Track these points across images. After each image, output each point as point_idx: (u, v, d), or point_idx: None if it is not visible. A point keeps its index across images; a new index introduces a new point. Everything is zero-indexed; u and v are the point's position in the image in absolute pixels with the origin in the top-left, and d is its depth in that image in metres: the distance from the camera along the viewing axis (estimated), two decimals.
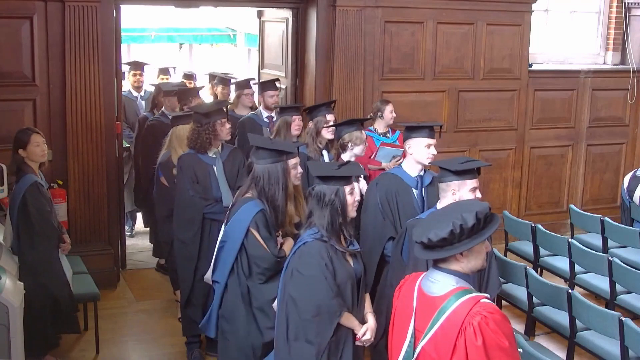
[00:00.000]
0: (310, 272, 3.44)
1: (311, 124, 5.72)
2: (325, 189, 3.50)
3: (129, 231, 7.98)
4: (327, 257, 3.46)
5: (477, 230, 2.72)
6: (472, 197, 4.02)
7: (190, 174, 5.03)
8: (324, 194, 3.50)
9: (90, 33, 6.25)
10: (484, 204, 2.84)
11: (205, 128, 5.01)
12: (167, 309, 6.29)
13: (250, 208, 4.02)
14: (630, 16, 8.75)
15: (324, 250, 3.47)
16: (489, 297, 2.78)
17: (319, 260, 3.44)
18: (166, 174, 5.69)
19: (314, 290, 3.42)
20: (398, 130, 6.78)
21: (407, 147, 4.55)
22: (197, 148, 5.07)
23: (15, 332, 4.15)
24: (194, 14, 13.03)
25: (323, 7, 7.09)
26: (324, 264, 3.43)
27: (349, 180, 3.56)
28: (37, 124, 6.21)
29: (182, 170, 5.08)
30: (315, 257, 3.45)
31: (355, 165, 3.89)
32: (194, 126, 5.12)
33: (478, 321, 2.64)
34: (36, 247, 4.90)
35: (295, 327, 3.46)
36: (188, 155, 5.13)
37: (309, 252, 3.48)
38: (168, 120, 6.81)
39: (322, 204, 3.50)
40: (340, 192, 3.50)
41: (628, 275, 5.38)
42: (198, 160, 5.09)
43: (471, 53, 7.77)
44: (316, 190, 3.53)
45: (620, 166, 8.84)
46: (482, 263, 2.82)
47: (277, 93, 6.90)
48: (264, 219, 3.98)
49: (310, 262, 3.46)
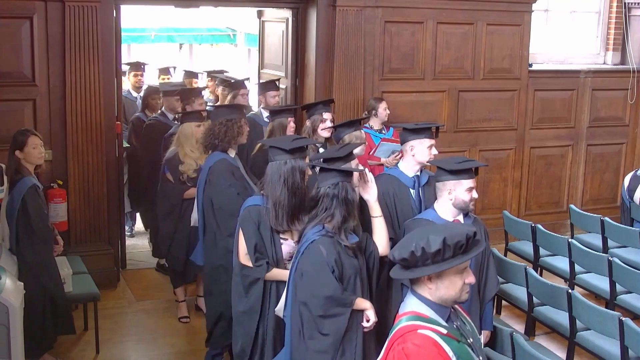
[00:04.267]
0: (319, 269, 3.45)
1: (308, 122, 5.69)
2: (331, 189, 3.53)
3: (129, 231, 7.98)
4: (334, 252, 3.47)
5: (444, 257, 2.58)
6: (469, 197, 4.03)
7: (229, 176, 4.87)
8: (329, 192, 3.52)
9: (90, 33, 6.25)
10: (466, 230, 2.65)
11: (235, 122, 4.92)
12: (167, 309, 6.29)
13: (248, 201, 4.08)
14: (630, 16, 8.75)
15: (332, 245, 3.48)
16: (437, 330, 2.62)
17: (327, 257, 3.45)
18: (172, 169, 5.69)
19: (324, 286, 3.43)
20: (392, 127, 6.81)
21: (409, 148, 4.54)
22: (223, 144, 4.89)
23: (15, 332, 4.16)
24: (194, 14, 13.03)
25: (323, 7, 7.09)
26: (333, 259, 3.45)
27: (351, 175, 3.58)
28: (37, 124, 6.22)
29: (222, 174, 4.85)
30: (322, 253, 3.46)
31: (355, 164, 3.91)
32: (218, 122, 4.93)
33: (398, 349, 2.59)
34: (36, 248, 4.91)
35: (309, 326, 3.46)
36: (220, 161, 4.91)
37: (317, 250, 3.48)
38: (167, 120, 6.84)
39: (330, 200, 3.51)
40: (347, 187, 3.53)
41: (628, 275, 5.38)
42: (229, 163, 4.94)
43: (471, 53, 7.77)
44: (321, 192, 3.55)
45: (620, 166, 8.84)
46: (458, 295, 2.65)
47: (279, 93, 6.90)
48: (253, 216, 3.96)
49: (318, 259, 3.46)
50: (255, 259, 3.93)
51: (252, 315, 3.98)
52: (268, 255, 3.95)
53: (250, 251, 3.93)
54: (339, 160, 3.69)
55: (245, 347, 4.03)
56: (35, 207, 4.89)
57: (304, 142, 4.00)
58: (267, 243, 3.94)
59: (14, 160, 4.95)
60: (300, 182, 3.87)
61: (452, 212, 4.09)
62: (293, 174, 3.85)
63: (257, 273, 3.93)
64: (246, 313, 4.00)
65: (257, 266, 3.92)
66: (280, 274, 3.93)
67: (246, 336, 4.02)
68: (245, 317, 4.01)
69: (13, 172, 4.94)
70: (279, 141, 4.04)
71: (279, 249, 3.97)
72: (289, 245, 3.96)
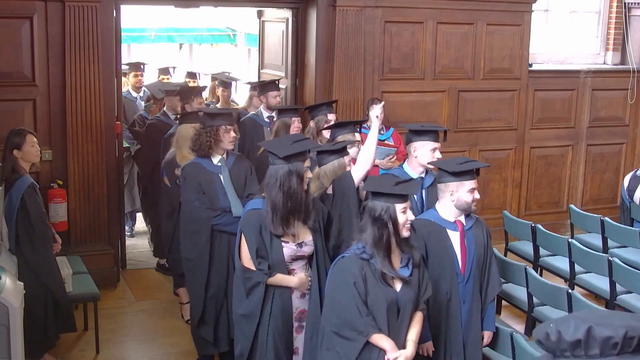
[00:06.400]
0: (340, 288, 3.35)
1: (312, 123, 5.70)
2: (377, 205, 3.37)
3: (129, 231, 7.98)
4: (359, 274, 3.32)
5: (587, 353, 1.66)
6: (471, 198, 4.01)
7: (195, 184, 4.87)
8: (375, 209, 3.37)
9: (90, 33, 6.25)
10: None
11: (208, 131, 4.85)
12: (167, 309, 6.29)
13: (249, 204, 4.07)
14: (630, 16, 8.75)
15: (358, 267, 3.34)
16: None
17: (349, 277, 3.32)
18: (168, 173, 5.69)
19: (341, 307, 3.34)
20: (392, 128, 6.80)
21: (412, 149, 4.54)
22: (198, 151, 4.92)
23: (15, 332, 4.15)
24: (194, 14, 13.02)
25: (323, 7, 7.09)
26: (352, 281, 3.31)
27: (404, 198, 3.42)
28: (37, 124, 6.22)
29: (186, 181, 4.92)
30: (345, 273, 3.35)
31: (414, 184, 3.76)
32: (198, 127, 5.00)
33: None
34: (36, 248, 4.91)
35: (328, 336, 3.42)
36: (191, 165, 4.96)
37: (341, 268, 3.39)
38: (168, 119, 6.84)
39: (372, 220, 3.36)
40: (390, 210, 3.35)
41: (628, 275, 5.38)
42: (202, 169, 4.91)
43: (471, 53, 7.77)
44: (369, 206, 3.41)
45: (620, 166, 8.84)
46: None
47: (279, 93, 6.90)
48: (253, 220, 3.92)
49: (341, 277, 3.37)
50: (257, 264, 3.89)
51: (252, 320, 3.94)
52: (269, 259, 3.91)
53: (253, 255, 3.89)
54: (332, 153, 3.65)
55: (244, 351, 4.01)
56: (35, 206, 4.89)
57: (302, 148, 3.92)
58: (268, 246, 3.90)
59: (12, 160, 4.95)
60: (297, 186, 3.82)
61: (453, 213, 4.07)
62: (289, 178, 3.81)
63: (259, 277, 3.89)
64: (246, 317, 3.97)
65: (260, 270, 3.88)
66: (282, 279, 3.92)
67: (245, 340, 3.99)
68: (244, 321, 3.98)
69: (10, 171, 4.93)
70: (277, 146, 3.99)
71: (279, 252, 3.91)
72: (290, 249, 3.93)
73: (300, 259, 3.98)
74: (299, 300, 4.01)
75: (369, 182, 3.71)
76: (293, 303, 3.98)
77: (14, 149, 4.96)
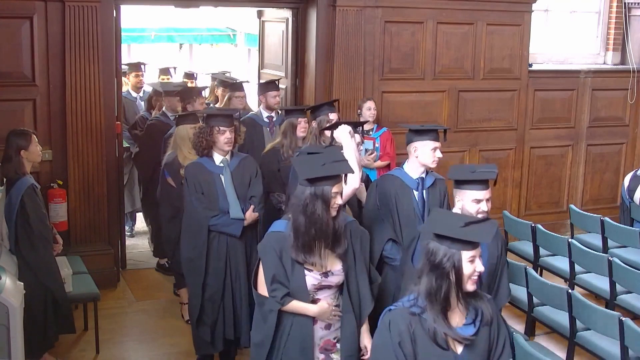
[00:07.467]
0: (383, 348, 2.85)
1: (314, 124, 5.69)
2: (439, 249, 2.77)
3: (129, 231, 7.98)
4: (407, 333, 2.78)
5: None
6: (475, 209, 3.80)
7: (195, 184, 4.85)
8: (436, 254, 2.78)
9: (90, 33, 6.25)
10: None
11: (203, 131, 4.86)
12: (167, 309, 6.29)
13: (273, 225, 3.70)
14: (630, 16, 8.75)
15: (406, 323, 2.79)
16: None
17: (395, 336, 2.79)
18: (173, 174, 5.66)
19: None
20: (384, 128, 6.80)
21: (412, 149, 4.53)
22: (196, 150, 4.94)
23: (15, 332, 4.15)
24: (194, 14, 13.03)
25: (323, 7, 7.09)
26: (397, 341, 2.78)
27: (473, 245, 2.80)
28: (37, 124, 6.22)
29: (187, 181, 4.91)
30: (390, 330, 2.81)
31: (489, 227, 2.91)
32: (198, 126, 5.04)
33: None
34: (36, 248, 4.90)
35: None
36: (193, 165, 4.95)
37: (387, 323, 2.84)
38: (168, 120, 6.83)
39: (430, 266, 2.78)
40: (455, 257, 2.75)
41: (628, 275, 5.38)
42: (203, 169, 4.89)
43: (471, 53, 7.77)
44: (429, 248, 2.81)
45: (620, 166, 8.84)
46: None
47: (279, 93, 6.89)
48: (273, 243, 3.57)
49: (385, 335, 2.83)
50: (271, 290, 3.53)
51: (262, 348, 3.62)
52: (290, 286, 3.54)
53: (267, 282, 3.54)
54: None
55: None
56: (34, 207, 4.88)
57: (331, 171, 3.50)
58: (289, 273, 3.54)
59: (18, 160, 4.94)
60: (322, 212, 3.44)
61: None
62: (313, 202, 3.44)
63: (270, 305, 3.55)
64: (258, 345, 3.65)
65: (272, 297, 3.54)
66: (299, 307, 3.55)
67: None
68: (255, 349, 3.67)
69: (13, 172, 4.93)
70: (305, 165, 3.61)
71: (301, 280, 3.53)
72: (314, 278, 3.54)
73: (327, 288, 3.60)
74: (324, 331, 3.63)
75: (432, 220, 2.99)
76: (316, 333, 3.61)
77: (22, 149, 4.95)
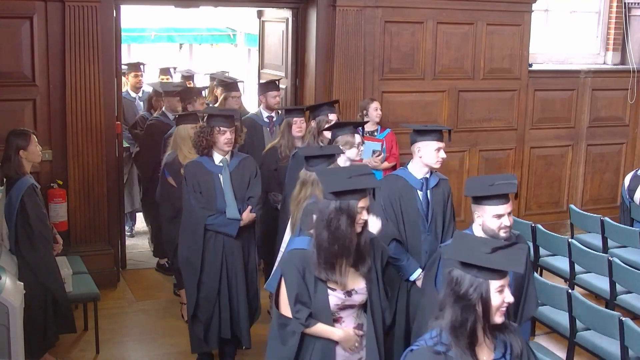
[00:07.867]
0: None
1: (313, 123, 5.68)
2: (464, 278, 2.48)
3: (129, 231, 7.98)
4: None
5: None
6: (497, 224, 3.50)
7: (193, 184, 4.89)
8: (461, 284, 2.48)
9: (90, 33, 6.25)
10: None
11: (204, 130, 4.89)
12: (167, 309, 6.29)
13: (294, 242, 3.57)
14: (630, 16, 8.75)
15: None
16: None
17: None
18: (173, 174, 5.66)
19: None
20: (388, 129, 6.80)
21: (416, 150, 4.52)
22: (196, 149, 4.97)
23: (15, 332, 4.15)
24: (194, 14, 13.03)
25: (323, 7, 7.09)
26: None
27: (503, 274, 2.51)
28: (37, 124, 6.22)
29: (186, 180, 4.95)
30: None
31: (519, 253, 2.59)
32: (199, 125, 5.07)
33: None
34: (36, 248, 4.91)
35: None
36: (193, 164, 4.99)
37: None
38: (168, 120, 6.83)
39: (454, 298, 2.49)
40: (483, 287, 2.47)
41: (628, 275, 5.38)
42: (202, 168, 4.93)
43: (471, 53, 7.77)
44: (453, 276, 2.51)
45: (620, 166, 8.84)
46: None
47: (279, 93, 6.89)
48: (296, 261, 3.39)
49: None
50: (295, 311, 3.34)
51: None
52: (312, 307, 3.37)
53: (291, 302, 3.35)
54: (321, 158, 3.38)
55: None
56: (34, 207, 4.89)
57: (357, 185, 3.30)
58: (312, 292, 3.36)
59: (17, 160, 4.94)
60: (347, 227, 3.26)
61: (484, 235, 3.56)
62: (338, 217, 3.25)
63: (294, 326, 3.35)
64: None
65: (296, 319, 3.35)
66: (324, 331, 3.36)
67: None
68: None
69: (13, 172, 4.93)
70: (330, 177, 3.44)
71: (324, 299, 3.35)
72: (338, 297, 3.37)
73: (350, 307, 3.43)
74: (346, 355, 3.45)
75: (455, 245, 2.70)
76: (338, 358, 3.43)
77: (21, 149, 4.95)
